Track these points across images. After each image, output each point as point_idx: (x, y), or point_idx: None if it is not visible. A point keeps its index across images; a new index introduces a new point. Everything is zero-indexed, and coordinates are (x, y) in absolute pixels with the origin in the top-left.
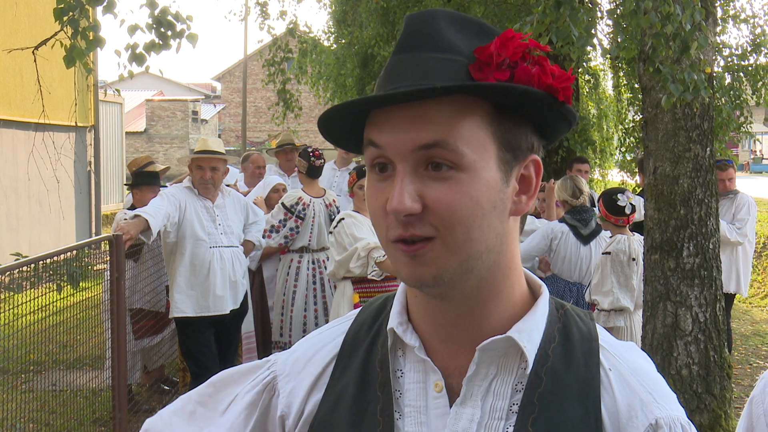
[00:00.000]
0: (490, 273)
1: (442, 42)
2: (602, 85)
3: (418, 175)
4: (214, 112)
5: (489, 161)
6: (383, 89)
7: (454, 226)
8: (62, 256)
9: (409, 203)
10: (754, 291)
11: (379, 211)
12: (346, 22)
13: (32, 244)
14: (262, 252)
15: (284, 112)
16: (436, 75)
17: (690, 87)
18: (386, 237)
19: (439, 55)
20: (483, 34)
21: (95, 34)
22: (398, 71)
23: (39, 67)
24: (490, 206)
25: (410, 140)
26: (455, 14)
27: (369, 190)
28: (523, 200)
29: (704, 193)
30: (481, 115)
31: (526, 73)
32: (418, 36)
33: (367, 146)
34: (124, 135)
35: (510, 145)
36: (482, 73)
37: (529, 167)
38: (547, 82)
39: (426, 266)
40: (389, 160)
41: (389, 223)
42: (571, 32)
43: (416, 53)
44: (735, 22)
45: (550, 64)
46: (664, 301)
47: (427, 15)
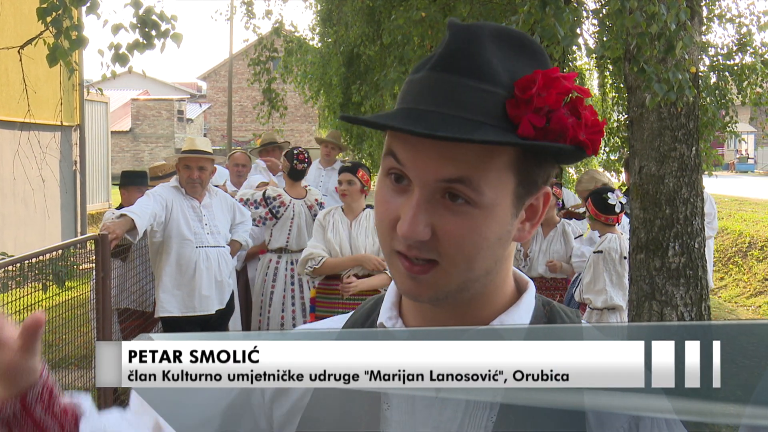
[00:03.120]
0: (485, 289)
1: (483, 67)
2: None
3: (433, 203)
4: (199, 112)
5: (506, 198)
6: (412, 104)
7: (457, 256)
8: (48, 255)
9: (420, 232)
10: (740, 290)
11: (387, 223)
12: (331, 22)
13: (18, 243)
14: (247, 252)
15: (269, 111)
16: (472, 108)
17: (674, 86)
18: (390, 247)
19: (477, 84)
20: (524, 51)
21: (78, 34)
22: (433, 93)
23: (24, 67)
24: (495, 239)
25: (435, 171)
26: (500, 29)
27: (380, 195)
28: (527, 227)
29: (690, 192)
30: (508, 155)
31: (562, 124)
32: (459, 56)
33: (388, 155)
34: (109, 134)
35: (528, 182)
36: (518, 110)
37: (540, 198)
38: (580, 138)
39: (425, 287)
40: (407, 177)
41: (395, 236)
42: (556, 32)
43: (454, 77)
44: (720, 22)
45: (584, 107)
46: (650, 300)
47: (473, 32)
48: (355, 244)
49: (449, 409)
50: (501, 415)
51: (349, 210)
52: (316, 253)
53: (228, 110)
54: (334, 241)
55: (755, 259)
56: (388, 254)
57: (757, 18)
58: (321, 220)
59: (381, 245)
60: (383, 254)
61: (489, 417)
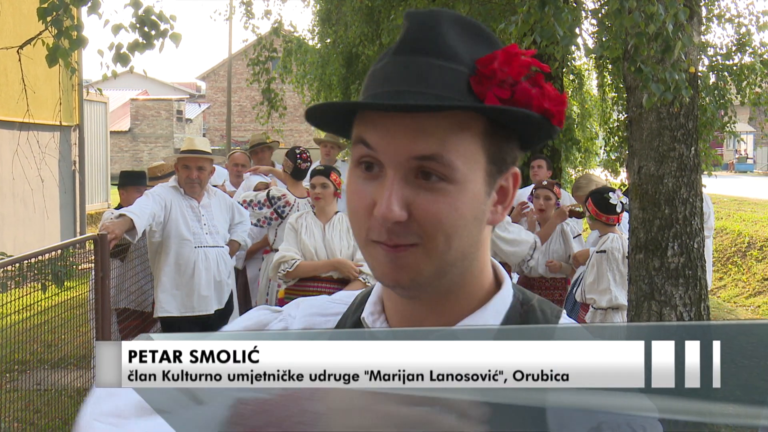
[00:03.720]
0: (463, 278)
1: (445, 48)
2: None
3: (407, 182)
4: (198, 112)
5: (477, 174)
6: (379, 89)
7: (437, 235)
8: (47, 255)
9: (397, 211)
10: (739, 290)
11: (362, 211)
12: (330, 22)
13: (17, 243)
14: (246, 251)
15: (269, 111)
16: (437, 85)
17: (671, 87)
18: (366, 237)
19: (441, 62)
20: (482, 39)
21: (78, 34)
22: (398, 74)
23: (24, 67)
24: (471, 217)
25: (406, 149)
26: (458, 16)
27: (352, 186)
28: (499, 210)
29: (689, 192)
30: (476, 129)
31: (526, 94)
32: (421, 39)
33: (357, 143)
34: (108, 134)
35: (497, 158)
36: (482, 86)
37: (509, 179)
38: (545, 106)
39: (404, 270)
40: (378, 162)
41: (372, 225)
42: (555, 32)
43: (418, 57)
44: (719, 22)
45: (544, 81)
46: (649, 300)
47: (432, 16)
48: (330, 246)
49: None
50: None
51: (321, 213)
52: (289, 256)
53: (227, 110)
54: (309, 244)
55: (754, 259)
56: (363, 244)
57: (756, 18)
58: (293, 224)
59: (356, 237)
60: (359, 247)
61: None
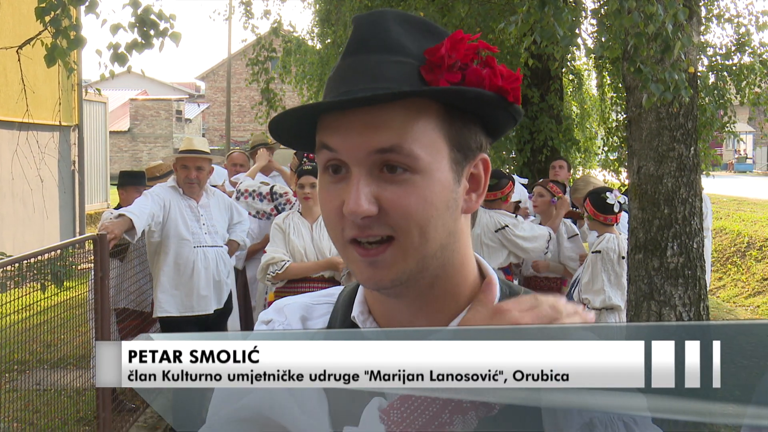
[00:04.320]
0: (444, 270)
1: (392, 44)
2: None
3: (373, 177)
4: (198, 112)
5: (442, 162)
6: (335, 92)
7: (410, 227)
8: (46, 255)
9: (365, 206)
10: (738, 290)
11: (333, 213)
12: (330, 22)
13: (16, 243)
14: (247, 251)
15: (267, 111)
16: (389, 78)
17: (671, 87)
18: (342, 237)
19: (390, 57)
20: (430, 34)
21: (77, 34)
22: (350, 75)
23: (23, 67)
24: (443, 206)
25: (365, 144)
26: (403, 14)
27: (322, 192)
28: (473, 198)
29: (688, 192)
30: (433, 117)
31: (477, 75)
32: (368, 38)
33: (321, 149)
34: (108, 134)
35: (461, 145)
36: (433, 74)
37: (479, 166)
38: (498, 83)
39: (384, 270)
40: (343, 163)
41: (345, 224)
42: (555, 32)
43: (367, 56)
44: (719, 22)
45: (497, 64)
46: (648, 300)
47: (376, 16)
48: (318, 246)
49: None
50: None
51: (309, 213)
52: (278, 257)
53: (226, 110)
54: (299, 244)
55: (754, 259)
56: (342, 247)
57: (755, 18)
58: (280, 224)
59: (333, 240)
60: (338, 251)
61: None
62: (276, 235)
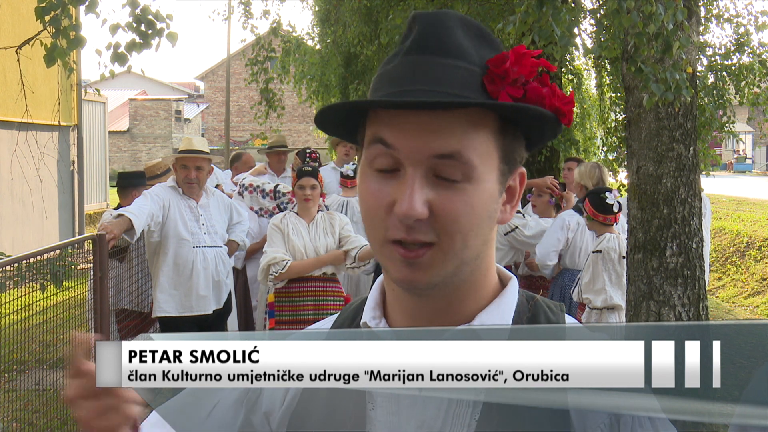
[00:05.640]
0: (473, 275)
1: (454, 47)
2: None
3: (428, 180)
4: (197, 112)
5: (492, 173)
6: (391, 89)
7: (455, 233)
8: (45, 255)
9: (420, 209)
10: (738, 290)
11: (378, 211)
12: (329, 22)
13: (15, 243)
14: (246, 251)
15: (267, 111)
16: (451, 83)
17: (672, 87)
18: (383, 237)
19: (453, 61)
20: (486, 41)
21: (76, 34)
22: (410, 74)
23: (22, 67)
24: (486, 216)
25: (426, 147)
26: (463, 17)
27: (367, 186)
28: (507, 209)
29: (687, 192)
30: (490, 128)
31: (538, 93)
32: (432, 39)
33: (374, 143)
34: (107, 134)
35: (508, 157)
36: (495, 85)
37: (516, 178)
38: (556, 104)
39: (422, 272)
40: (398, 161)
41: (390, 223)
42: (553, 32)
43: (430, 57)
44: (718, 22)
45: (549, 81)
46: (647, 300)
47: (440, 17)
48: (315, 245)
49: (432, 408)
50: (484, 414)
51: (306, 214)
52: (279, 257)
53: (226, 110)
54: (299, 244)
55: (753, 259)
56: (380, 245)
57: (754, 18)
58: (278, 225)
59: (371, 237)
60: (373, 247)
61: (472, 415)
62: (274, 236)
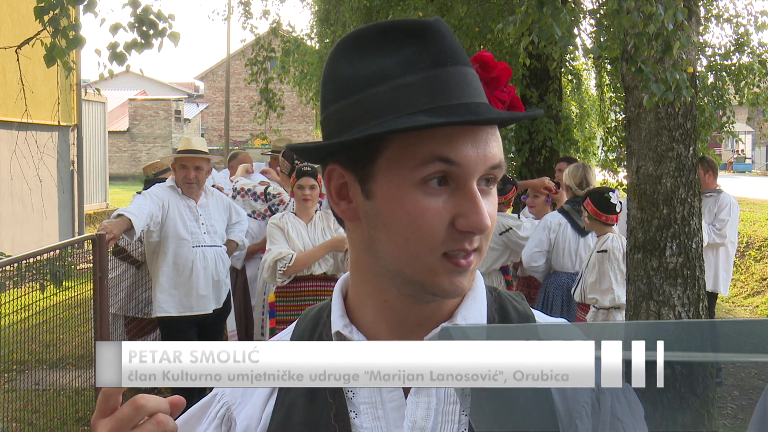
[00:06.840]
0: None
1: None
2: (585, 84)
3: (479, 190)
4: (197, 112)
5: None
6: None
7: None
8: (45, 255)
9: (489, 221)
10: (738, 290)
11: (439, 228)
12: (329, 22)
13: (15, 243)
14: (246, 251)
15: (266, 111)
16: (482, 93)
17: (672, 87)
18: (438, 251)
19: (472, 70)
20: None
21: (76, 33)
22: (454, 87)
23: (22, 67)
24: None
25: (485, 160)
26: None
27: (420, 206)
28: None
29: (687, 192)
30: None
31: (512, 94)
32: (455, 48)
33: (433, 162)
34: (107, 134)
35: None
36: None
37: None
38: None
39: (468, 277)
40: (451, 175)
41: (450, 237)
42: (553, 32)
43: (462, 68)
44: (718, 22)
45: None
46: (647, 300)
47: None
48: (314, 245)
49: (422, 407)
50: (474, 407)
51: (305, 214)
52: (285, 252)
53: (225, 110)
54: (299, 242)
55: (753, 259)
56: (432, 260)
57: (754, 18)
58: (277, 223)
59: (420, 254)
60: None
61: (461, 411)
62: (275, 233)
